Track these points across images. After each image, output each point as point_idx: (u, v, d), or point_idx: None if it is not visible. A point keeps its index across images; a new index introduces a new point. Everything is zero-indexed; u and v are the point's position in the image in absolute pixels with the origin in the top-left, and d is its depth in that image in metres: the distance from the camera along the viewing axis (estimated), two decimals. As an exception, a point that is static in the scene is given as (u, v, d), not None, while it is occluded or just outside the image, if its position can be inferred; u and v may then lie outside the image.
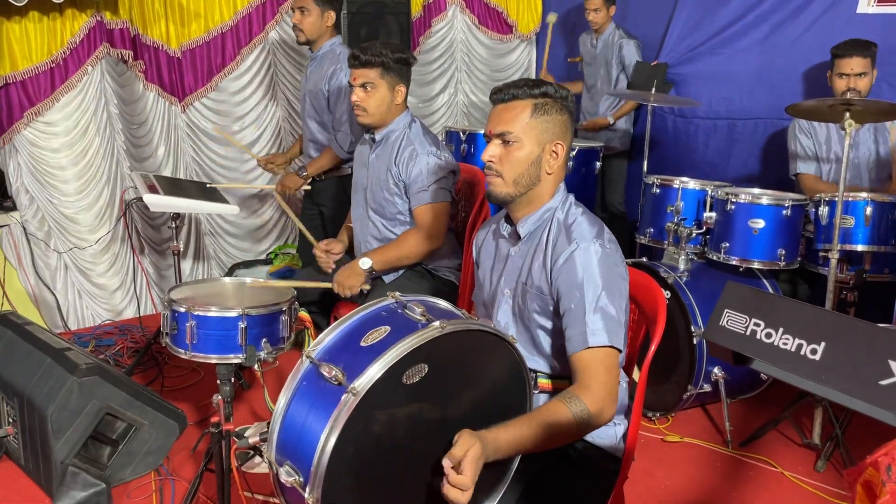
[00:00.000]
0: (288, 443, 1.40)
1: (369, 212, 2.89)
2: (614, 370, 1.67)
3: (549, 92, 1.76)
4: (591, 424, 1.63)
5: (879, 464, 0.66)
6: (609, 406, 1.64)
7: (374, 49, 2.71)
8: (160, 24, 4.14)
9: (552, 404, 1.60)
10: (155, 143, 4.24)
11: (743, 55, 4.23)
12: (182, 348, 2.23)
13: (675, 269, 3.18)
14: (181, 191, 3.24)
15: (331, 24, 3.57)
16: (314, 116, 3.65)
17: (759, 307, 0.82)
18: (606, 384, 1.64)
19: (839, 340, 0.76)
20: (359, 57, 2.72)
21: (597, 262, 1.69)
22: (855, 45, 3.38)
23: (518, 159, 1.75)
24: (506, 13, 5.38)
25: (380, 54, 2.70)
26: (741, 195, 3.15)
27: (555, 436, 1.55)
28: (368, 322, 1.48)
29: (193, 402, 3.22)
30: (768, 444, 3.00)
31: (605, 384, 1.64)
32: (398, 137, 2.78)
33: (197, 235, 4.53)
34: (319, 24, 3.54)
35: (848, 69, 3.37)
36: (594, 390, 1.62)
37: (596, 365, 1.64)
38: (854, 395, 0.74)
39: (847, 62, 3.37)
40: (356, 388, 1.31)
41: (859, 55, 3.35)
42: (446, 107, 5.38)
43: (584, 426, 1.61)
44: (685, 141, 4.57)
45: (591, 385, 1.63)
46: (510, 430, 1.49)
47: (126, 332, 3.99)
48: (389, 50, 2.72)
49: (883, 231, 3.02)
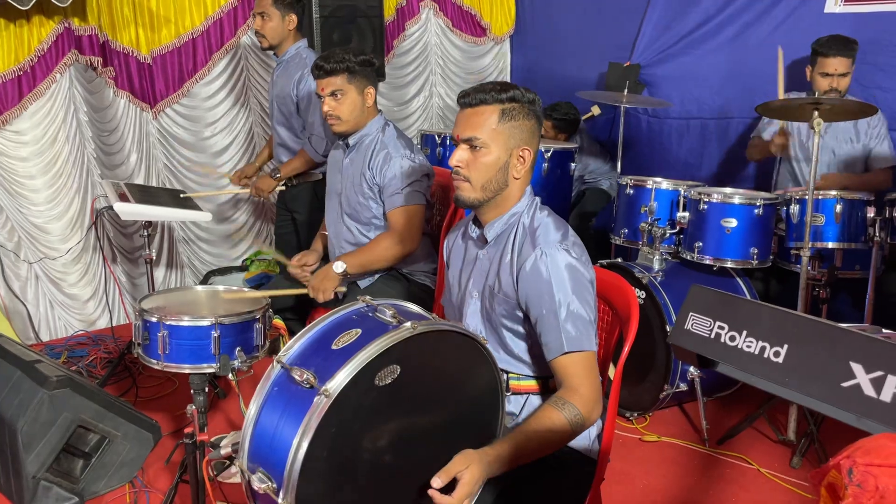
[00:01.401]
0: (260, 449, 1.39)
1: (344, 216, 2.88)
2: (595, 371, 1.70)
3: (516, 97, 1.75)
4: (584, 426, 1.66)
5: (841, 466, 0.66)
6: (597, 406, 1.68)
7: (337, 56, 2.69)
8: (130, 29, 4.10)
9: (546, 412, 1.62)
10: (126, 151, 4.18)
11: (713, 55, 4.27)
12: (154, 359, 2.20)
13: (650, 270, 3.20)
14: (152, 198, 3.20)
15: (293, 27, 3.54)
16: (283, 122, 3.62)
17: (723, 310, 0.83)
18: (592, 386, 1.67)
19: (802, 342, 0.76)
20: (323, 67, 2.69)
21: (563, 267, 1.70)
22: (840, 45, 3.36)
23: (485, 164, 1.74)
24: (479, 16, 5.39)
25: (343, 59, 2.68)
26: (713, 195, 3.18)
27: (552, 442, 1.59)
28: (339, 325, 1.47)
29: (168, 413, 3.18)
30: (744, 442, 3.02)
31: (590, 386, 1.67)
32: (372, 141, 2.77)
33: (170, 243, 4.49)
34: (281, 29, 3.52)
35: (832, 69, 3.37)
36: (582, 393, 1.65)
37: (578, 368, 1.67)
38: (816, 396, 0.74)
39: (830, 62, 3.37)
40: (328, 391, 1.30)
41: (843, 55, 3.35)
42: (421, 110, 5.37)
43: (578, 429, 1.65)
44: (659, 141, 4.60)
45: (579, 388, 1.66)
46: (512, 442, 1.53)
47: (99, 342, 3.94)
48: (352, 54, 2.70)
49: (853, 228, 3.05)
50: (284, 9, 3.50)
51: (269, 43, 3.56)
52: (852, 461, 0.65)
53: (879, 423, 0.70)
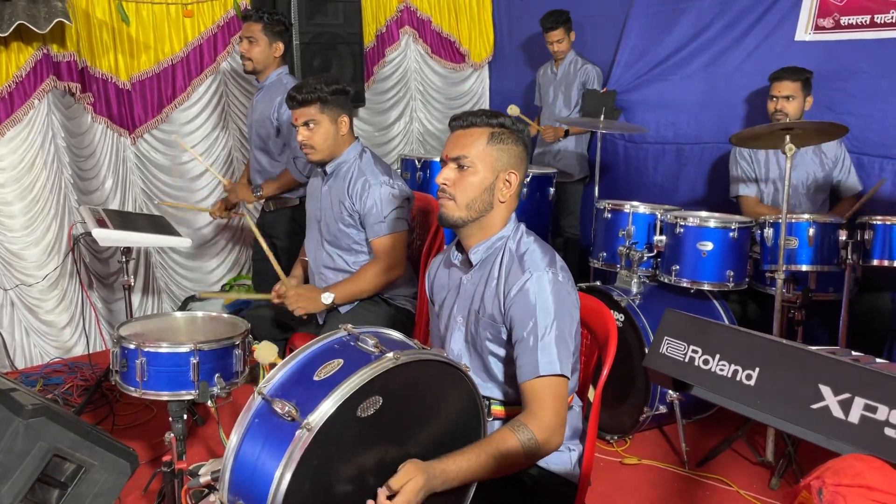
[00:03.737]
0: (241, 482, 1.38)
1: (324, 243, 2.88)
2: (563, 398, 1.70)
3: (505, 123, 1.80)
4: (540, 452, 1.66)
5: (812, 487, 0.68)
6: (557, 434, 1.67)
7: (310, 86, 2.70)
8: (109, 56, 4.10)
9: (500, 433, 1.62)
10: (103, 176, 4.17)
11: (688, 82, 4.35)
12: (132, 386, 2.19)
13: (628, 293, 3.23)
14: (131, 224, 3.18)
15: (279, 55, 3.58)
16: (261, 146, 3.64)
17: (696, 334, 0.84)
18: (555, 412, 1.67)
19: (773, 365, 0.78)
20: (295, 97, 2.71)
21: (550, 291, 1.71)
22: (785, 70, 3.56)
23: (471, 184, 1.77)
24: (458, 42, 5.45)
25: (315, 90, 2.69)
26: (689, 218, 3.22)
27: (503, 464, 1.57)
28: (321, 356, 1.47)
29: (146, 441, 3.14)
30: (724, 464, 3.04)
31: (554, 412, 1.67)
32: (349, 168, 2.79)
33: (147, 268, 4.45)
34: (267, 55, 3.56)
35: (777, 91, 3.54)
36: (541, 419, 1.65)
37: (545, 393, 1.67)
38: (787, 418, 0.76)
39: (777, 85, 3.55)
40: (310, 424, 1.30)
41: (788, 79, 3.52)
42: (402, 135, 5.41)
43: (532, 454, 1.64)
44: (636, 166, 4.67)
45: (539, 413, 1.66)
46: (459, 459, 1.51)
47: (75, 369, 3.88)
48: (324, 83, 2.71)
49: (826, 251, 3.11)
50: (273, 36, 3.55)
51: (253, 66, 3.58)
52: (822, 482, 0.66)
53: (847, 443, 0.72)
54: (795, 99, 3.51)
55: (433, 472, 1.45)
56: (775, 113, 3.53)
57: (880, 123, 3.59)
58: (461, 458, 1.52)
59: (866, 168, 3.62)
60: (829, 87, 3.69)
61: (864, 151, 3.63)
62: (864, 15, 3.63)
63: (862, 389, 0.71)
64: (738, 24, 4.10)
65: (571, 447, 1.86)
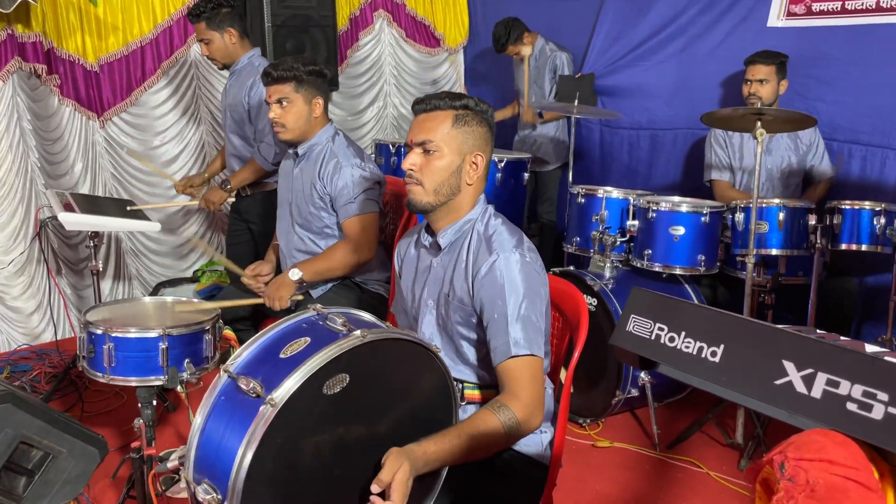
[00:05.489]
0: (205, 460, 1.37)
1: (295, 226, 2.86)
2: (539, 378, 1.70)
3: (469, 105, 1.78)
4: (520, 432, 1.65)
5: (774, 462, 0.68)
6: (537, 413, 1.67)
7: (286, 64, 2.69)
8: (76, 37, 4.02)
9: (481, 414, 1.61)
10: (71, 160, 4.09)
11: (662, 67, 4.36)
12: (100, 372, 2.16)
13: (601, 277, 3.24)
14: (99, 208, 3.13)
15: (235, 40, 3.48)
16: (236, 130, 3.58)
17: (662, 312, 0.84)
18: (533, 392, 1.67)
19: (737, 342, 0.78)
20: (271, 73, 2.69)
21: (518, 271, 1.71)
22: (759, 54, 3.59)
23: (438, 168, 1.75)
24: (433, 26, 5.42)
25: (292, 68, 2.68)
26: (662, 203, 3.24)
27: (484, 445, 1.57)
28: (288, 334, 1.45)
29: (116, 427, 3.11)
30: (694, 446, 3.08)
31: (532, 392, 1.67)
32: (321, 151, 2.76)
33: (118, 254, 4.39)
34: (225, 47, 3.47)
35: (750, 75, 3.58)
36: (522, 399, 1.65)
37: (522, 374, 1.67)
38: (751, 395, 0.76)
39: (751, 69, 3.59)
40: (274, 400, 1.29)
41: (762, 63, 3.55)
42: (376, 119, 5.37)
43: (513, 434, 1.63)
44: (611, 151, 4.68)
45: (519, 394, 1.65)
46: (439, 441, 1.50)
47: (43, 356, 3.83)
48: (302, 63, 2.70)
49: (795, 235, 3.14)
50: (219, 27, 3.43)
51: (221, 63, 3.53)
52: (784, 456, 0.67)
53: (810, 418, 0.72)
54: (769, 83, 3.54)
55: (414, 455, 1.44)
56: (749, 96, 3.56)
57: (850, 109, 3.63)
58: (442, 440, 1.50)
59: (836, 153, 3.66)
60: (801, 74, 3.72)
61: (834, 137, 3.67)
62: (836, 1, 3.66)
63: (824, 364, 0.71)
64: (712, 10, 4.12)
65: (543, 429, 1.86)
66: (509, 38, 4.57)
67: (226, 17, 3.44)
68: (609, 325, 3.09)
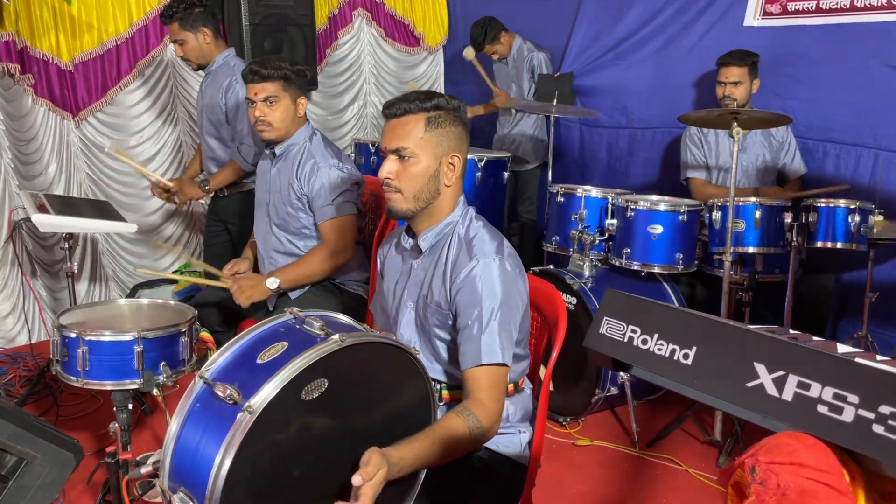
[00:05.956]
0: (181, 468, 1.35)
1: (273, 227, 2.84)
2: (503, 387, 1.71)
3: (441, 104, 1.75)
4: (484, 438, 1.67)
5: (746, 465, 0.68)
6: (497, 422, 1.69)
7: (273, 63, 2.67)
8: (50, 36, 3.96)
9: (449, 419, 1.61)
10: (46, 160, 4.04)
11: (640, 66, 4.38)
12: (74, 375, 2.13)
13: (581, 276, 3.25)
14: (73, 210, 3.09)
15: (209, 40, 3.44)
16: (212, 133, 3.55)
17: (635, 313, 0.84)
18: (496, 400, 1.68)
19: (709, 344, 0.78)
20: (259, 72, 2.66)
21: (497, 279, 1.70)
22: (732, 55, 3.60)
23: (415, 174, 1.74)
24: (412, 25, 5.40)
25: (280, 67, 2.67)
26: (640, 202, 3.25)
27: (453, 449, 1.58)
28: (265, 339, 1.44)
29: (92, 432, 3.07)
30: (673, 443, 3.09)
31: (495, 400, 1.68)
32: (299, 150, 2.75)
33: (94, 255, 4.34)
34: (199, 47, 3.44)
35: (724, 77, 3.59)
36: (487, 407, 1.65)
37: (488, 382, 1.67)
38: (723, 397, 0.76)
39: (724, 71, 3.60)
40: (252, 407, 1.27)
41: (735, 65, 3.57)
42: (355, 119, 5.35)
43: (478, 440, 1.65)
44: (591, 150, 4.70)
45: (485, 402, 1.66)
46: (414, 446, 1.50)
47: (18, 360, 3.77)
48: (288, 63, 2.70)
49: (772, 233, 3.17)
50: (192, 27, 3.39)
51: (196, 64, 3.49)
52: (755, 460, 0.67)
53: (782, 421, 0.72)
54: (743, 84, 3.57)
55: (392, 460, 1.44)
56: (724, 99, 3.58)
57: (824, 108, 3.66)
58: (416, 445, 1.50)
59: (811, 151, 3.70)
60: (777, 72, 3.75)
61: (809, 136, 3.70)
62: (811, 1, 3.69)
63: (795, 366, 0.72)
64: (689, 10, 4.14)
65: (522, 430, 1.86)
66: (486, 38, 4.58)
67: (199, 16, 3.40)
68: (588, 323, 3.09)
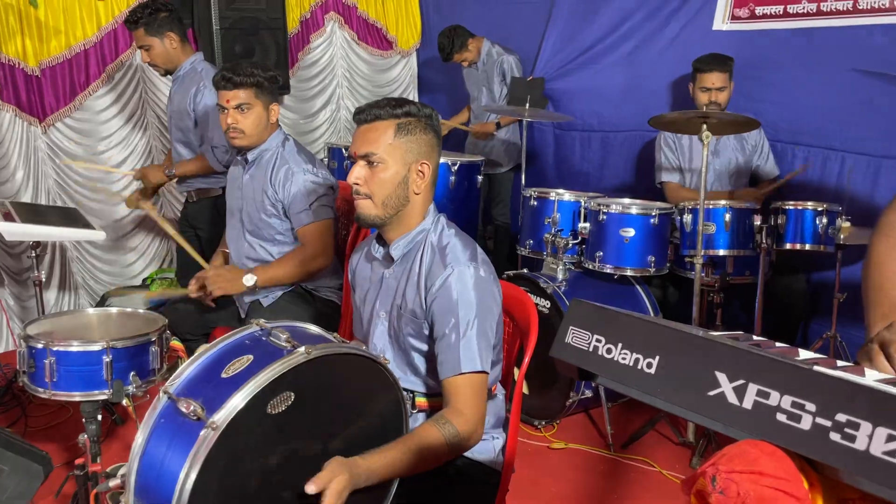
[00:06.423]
0: (146, 484, 1.33)
1: (245, 234, 2.81)
2: (483, 394, 1.71)
3: (412, 111, 1.75)
4: (463, 447, 1.66)
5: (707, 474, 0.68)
6: (479, 429, 1.68)
7: (245, 69, 2.65)
8: (16, 40, 3.91)
9: (424, 428, 1.61)
10: (12, 167, 3.98)
11: (611, 70, 4.41)
12: (41, 387, 2.10)
13: (554, 279, 3.26)
14: (40, 217, 3.04)
15: (176, 45, 3.41)
16: (180, 138, 3.52)
17: (599, 323, 0.84)
18: (477, 408, 1.68)
19: (672, 353, 0.79)
20: (231, 79, 2.64)
21: (472, 287, 1.70)
22: (715, 61, 3.59)
23: (384, 180, 1.73)
24: (385, 29, 5.40)
25: (252, 74, 2.64)
26: (612, 206, 3.27)
27: (427, 459, 1.56)
28: (231, 352, 1.42)
29: (62, 443, 3.02)
30: (647, 445, 3.11)
31: (475, 409, 1.67)
32: (272, 156, 2.73)
33: (63, 263, 4.28)
34: (166, 52, 3.41)
35: (709, 83, 3.57)
36: (465, 415, 1.65)
37: (467, 390, 1.67)
38: (686, 406, 0.77)
39: (708, 77, 3.57)
40: (216, 423, 1.26)
41: (719, 70, 3.56)
42: (328, 123, 5.33)
43: (455, 449, 1.64)
44: (565, 154, 4.72)
45: (463, 410, 1.65)
46: (384, 454, 1.49)
47: (-15, 370, 3.71)
48: (260, 69, 2.68)
49: (742, 236, 3.20)
50: (158, 32, 3.36)
51: (163, 69, 3.47)
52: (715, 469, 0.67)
53: (742, 430, 0.73)
54: (726, 89, 3.58)
55: (357, 469, 1.42)
56: (709, 104, 3.53)
57: (793, 111, 3.71)
58: (386, 454, 1.50)
59: (780, 154, 3.74)
60: (747, 76, 3.79)
61: (778, 139, 3.75)
62: (778, 5, 3.74)
63: (755, 375, 0.72)
64: (658, 14, 4.17)
65: (495, 435, 1.87)
66: (454, 47, 4.59)
67: (164, 21, 3.37)
68: (562, 327, 3.11)
